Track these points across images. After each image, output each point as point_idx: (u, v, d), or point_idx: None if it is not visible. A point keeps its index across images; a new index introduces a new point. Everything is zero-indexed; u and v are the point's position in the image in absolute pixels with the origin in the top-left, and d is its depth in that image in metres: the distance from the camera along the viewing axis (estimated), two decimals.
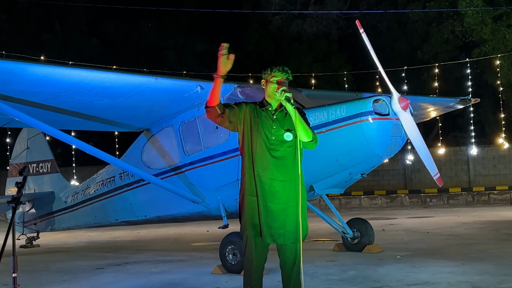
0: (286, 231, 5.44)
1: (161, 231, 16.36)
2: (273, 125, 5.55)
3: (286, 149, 5.52)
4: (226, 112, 5.55)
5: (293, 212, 5.46)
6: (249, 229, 5.50)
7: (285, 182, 5.48)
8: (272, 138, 5.52)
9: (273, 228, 5.43)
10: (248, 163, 5.55)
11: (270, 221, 5.42)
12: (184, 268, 9.51)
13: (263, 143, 5.51)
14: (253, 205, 5.49)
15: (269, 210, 5.43)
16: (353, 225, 10.46)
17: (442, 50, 25.82)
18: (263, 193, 5.46)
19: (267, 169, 5.48)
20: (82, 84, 8.33)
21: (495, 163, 26.31)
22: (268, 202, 5.44)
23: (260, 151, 5.50)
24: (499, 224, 14.31)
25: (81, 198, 12.46)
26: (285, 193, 5.46)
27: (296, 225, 5.43)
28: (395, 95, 8.60)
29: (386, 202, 23.91)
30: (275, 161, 5.49)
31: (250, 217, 5.50)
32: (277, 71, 5.61)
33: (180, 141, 10.23)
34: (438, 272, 7.93)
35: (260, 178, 5.48)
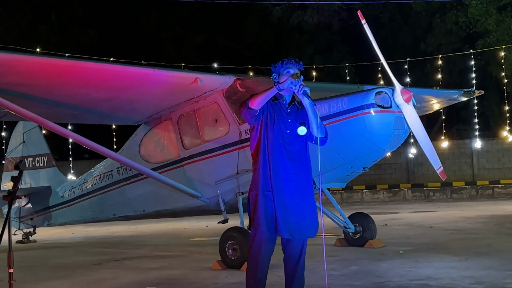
0: (302, 226, 5.38)
1: (160, 226, 16.21)
2: (288, 119, 5.46)
3: (300, 143, 5.47)
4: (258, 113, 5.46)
5: (309, 206, 5.43)
6: (263, 225, 5.38)
7: (300, 176, 5.42)
8: (287, 132, 5.45)
9: (289, 223, 5.34)
10: (263, 158, 5.46)
11: (286, 216, 5.34)
12: (183, 263, 9.36)
13: (279, 138, 5.43)
14: (267, 201, 5.39)
15: (285, 205, 5.35)
16: (355, 220, 10.30)
17: (446, 42, 25.62)
18: (279, 188, 5.37)
19: (282, 164, 5.40)
20: (80, 77, 8.17)
21: (499, 156, 26.06)
22: (284, 197, 5.36)
23: (276, 145, 5.42)
24: (503, 219, 14.13)
25: (78, 192, 12.33)
26: (300, 187, 5.40)
27: (313, 219, 5.43)
28: (397, 87, 8.46)
29: (389, 197, 23.74)
30: (291, 155, 5.41)
31: (264, 213, 5.39)
32: (290, 64, 5.51)
33: (179, 135, 10.07)
34: (441, 267, 7.81)
35: (276, 173, 5.39)
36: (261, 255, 5.44)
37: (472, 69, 23.11)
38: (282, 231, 5.34)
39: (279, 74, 5.54)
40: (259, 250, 5.44)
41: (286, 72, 5.47)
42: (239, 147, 9.24)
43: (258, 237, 5.43)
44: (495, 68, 24.58)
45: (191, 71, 9.79)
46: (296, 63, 5.52)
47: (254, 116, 5.42)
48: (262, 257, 5.45)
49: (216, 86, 9.41)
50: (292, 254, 5.49)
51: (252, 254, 5.49)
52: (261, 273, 5.47)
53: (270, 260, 5.55)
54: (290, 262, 5.52)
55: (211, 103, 9.62)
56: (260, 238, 5.42)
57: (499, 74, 24.39)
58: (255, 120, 5.46)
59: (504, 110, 26.64)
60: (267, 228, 5.37)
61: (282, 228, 5.33)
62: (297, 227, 5.36)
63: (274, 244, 5.52)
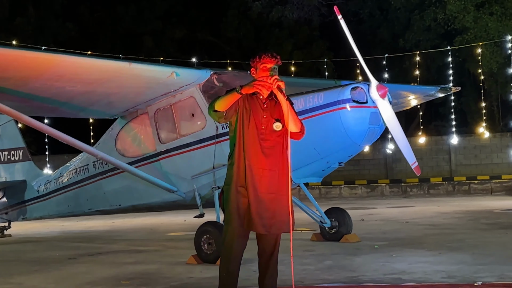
0: (277, 221, 5.34)
1: (137, 221, 16.14)
2: (263, 115, 5.42)
3: (275, 139, 5.42)
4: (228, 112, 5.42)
5: (284, 201, 5.39)
6: (235, 219, 5.36)
7: (275, 171, 5.37)
8: (263, 127, 5.40)
9: (264, 218, 5.32)
10: (237, 153, 5.43)
11: (261, 211, 5.32)
12: (159, 258, 9.34)
13: (254, 133, 5.39)
14: (240, 196, 5.36)
15: (260, 200, 5.32)
16: (331, 215, 10.35)
17: (424, 38, 25.75)
18: (254, 183, 5.34)
19: (258, 159, 5.36)
20: (54, 70, 8.09)
21: (476, 153, 26.28)
22: (259, 193, 5.33)
23: (251, 141, 5.38)
24: (478, 214, 14.28)
25: (54, 187, 12.23)
26: (275, 182, 5.37)
27: (288, 214, 5.39)
28: (373, 83, 8.51)
29: (367, 192, 23.85)
30: (266, 151, 5.38)
31: (236, 208, 5.37)
32: (267, 58, 5.45)
33: (155, 129, 10.03)
34: (415, 261, 7.87)
35: (251, 168, 5.35)
36: (234, 248, 5.42)
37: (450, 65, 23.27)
38: (257, 227, 5.32)
39: (256, 68, 5.52)
40: (231, 243, 5.42)
41: (262, 66, 5.44)
42: (215, 142, 9.22)
43: (230, 231, 5.42)
44: (473, 65, 24.75)
45: (167, 65, 9.74)
46: (273, 57, 5.48)
47: (222, 116, 5.41)
48: (234, 250, 5.43)
49: (192, 80, 9.38)
50: (266, 248, 5.47)
51: (225, 247, 5.48)
52: (233, 266, 5.45)
53: (242, 253, 5.52)
54: (264, 256, 5.51)
55: (188, 97, 9.59)
56: (232, 232, 5.41)
57: (476, 71, 24.58)
58: (225, 119, 5.46)
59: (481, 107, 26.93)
60: (239, 224, 5.35)
61: (256, 223, 5.31)
62: (272, 222, 5.33)
63: (247, 238, 5.50)
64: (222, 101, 5.35)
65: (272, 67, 5.41)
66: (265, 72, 5.38)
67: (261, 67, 5.43)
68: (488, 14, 22.77)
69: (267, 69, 5.39)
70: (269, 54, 5.47)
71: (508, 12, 22.60)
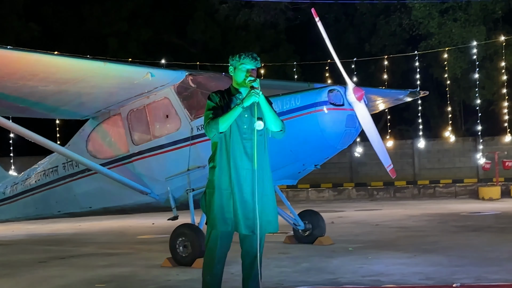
0: (263, 221, 5.29)
1: (105, 224, 15.90)
2: (244, 114, 5.36)
3: (257, 138, 5.36)
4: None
5: (269, 201, 5.38)
6: (219, 224, 5.31)
7: (258, 171, 5.32)
8: (244, 127, 5.36)
9: (249, 219, 5.27)
10: (220, 154, 5.38)
11: (247, 212, 5.27)
12: (133, 261, 9.20)
13: (236, 133, 5.35)
14: (225, 199, 5.31)
15: (245, 201, 5.28)
16: (305, 217, 10.35)
17: (390, 43, 26.00)
18: (240, 185, 5.29)
19: (242, 159, 5.32)
20: (27, 69, 7.90)
21: (439, 157, 26.63)
22: (244, 194, 5.28)
23: (234, 141, 5.34)
24: (446, 217, 14.44)
25: (21, 188, 11.97)
26: (260, 183, 5.32)
27: (274, 214, 5.42)
28: (350, 86, 8.54)
29: (334, 195, 23.94)
30: (249, 151, 5.33)
31: (220, 212, 5.31)
32: (246, 58, 5.44)
33: (128, 130, 9.89)
34: (391, 263, 7.91)
35: (236, 169, 5.31)
36: (217, 251, 5.37)
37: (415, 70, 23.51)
38: (242, 228, 5.27)
39: (235, 68, 5.49)
40: (215, 245, 5.37)
41: (241, 67, 5.42)
42: (190, 143, 9.13)
43: (214, 233, 5.36)
44: (437, 70, 25.09)
45: (142, 65, 9.62)
46: (253, 59, 5.46)
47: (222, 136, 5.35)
48: (218, 253, 5.38)
49: (167, 81, 9.28)
50: (249, 250, 5.42)
51: (208, 249, 5.42)
52: (217, 269, 5.41)
53: (226, 256, 5.48)
54: (247, 258, 5.45)
55: (162, 98, 9.48)
56: (216, 235, 5.36)
57: (440, 76, 24.92)
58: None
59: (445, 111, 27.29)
60: (224, 227, 5.30)
61: (242, 224, 5.26)
62: (256, 223, 5.25)
63: (231, 239, 5.46)
64: (226, 120, 5.27)
65: (251, 69, 5.41)
66: (244, 72, 5.39)
67: (240, 67, 5.42)
68: (452, 20, 23.12)
69: (246, 70, 5.40)
70: (249, 55, 5.46)
71: (471, 18, 23.00)
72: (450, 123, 23.73)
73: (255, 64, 5.45)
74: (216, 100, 5.44)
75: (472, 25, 22.75)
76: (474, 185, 22.69)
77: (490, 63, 23.52)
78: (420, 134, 26.24)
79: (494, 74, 23.48)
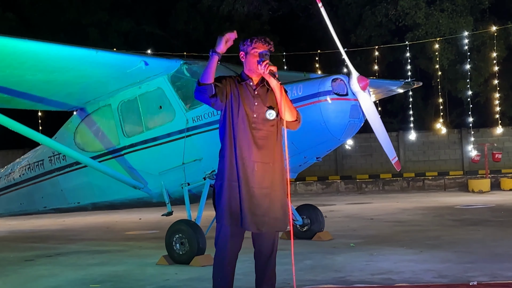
0: (271, 218, 4.91)
1: (90, 219, 15.39)
2: (254, 102, 4.95)
3: (268, 129, 4.96)
4: (217, 91, 4.92)
5: (278, 197, 4.95)
6: (227, 218, 4.92)
7: (268, 164, 4.93)
8: (254, 116, 4.94)
9: (256, 216, 4.87)
10: (229, 145, 4.96)
11: (253, 208, 4.86)
12: (125, 259, 8.78)
13: (245, 122, 4.93)
14: (233, 192, 4.90)
15: (252, 196, 4.87)
16: (303, 212, 10.01)
17: (376, 34, 25.70)
18: (246, 177, 4.88)
19: (249, 151, 4.90)
20: (14, 56, 7.42)
21: (424, 149, 26.52)
22: (251, 188, 4.88)
23: (242, 131, 4.92)
24: (440, 210, 14.19)
25: (4, 183, 11.48)
26: (269, 176, 4.92)
27: (283, 211, 4.97)
28: (354, 75, 8.21)
29: (322, 188, 23.59)
30: (258, 141, 4.92)
31: (228, 205, 4.91)
32: (259, 42, 5.01)
33: (119, 122, 9.45)
34: (399, 260, 7.63)
35: (243, 161, 4.90)
36: (227, 250, 4.99)
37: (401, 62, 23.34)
38: (248, 225, 4.88)
39: (246, 53, 5.06)
40: (225, 244, 4.98)
41: (254, 51, 5.01)
42: (185, 136, 8.72)
43: (223, 231, 4.97)
44: (424, 62, 24.92)
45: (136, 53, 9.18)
46: (266, 42, 5.05)
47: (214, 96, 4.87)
48: (229, 252, 5.00)
49: (161, 70, 8.87)
50: (262, 249, 5.06)
51: (218, 249, 5.03)
52: (228, 270, 5.03)
53: (237, 255, 5.10)
54: (261, 258, 5.10)
55: (156, 88, 9.05)
56: (226, 232, 4.97)
57: (427, 67, 24.73)
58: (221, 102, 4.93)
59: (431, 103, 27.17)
60: (231, 222, 4.91)
61: (248, 221, 4.87)
62: (265, 220, 4.90)
63: (242, 238, 5.07)
64: (204, 72, 4.85)
65: (264, 53, 5.00)
66: (256, 57, 4.96)
67: (252, 51, 4.99)
68: (439, 11, 22.90)
69: (259, 54, 4.96)
70: (262, 38, 5.06)
71: (458, 9, 22.82)
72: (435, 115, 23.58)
73: (268, 48, 5.04)
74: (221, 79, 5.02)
75: (459, 15, 22.56)
76: (463, 177, 22.52)
77: (477, 54, 23.34)
78: (405, 126, 26.10)
79: (481, 66, 23.34)
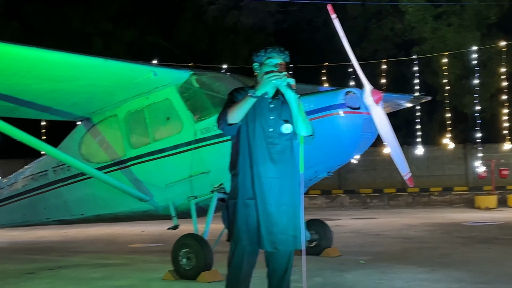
0: (289, 236, 4.72)
1: (92, 231, 15.17)
2: (270, 116, 4.78)
3: (284, 143, 4.79)
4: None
5: (296, 214, 4.77)
6: (243, 238, 4.74)
7: (285, 180, 4.76)
8: (270, 130, 4.77)
9: (273, 234, 4.69)
10: (242, 161, 4.79)
11: (270, 226, 4.68)
12: (129, 273, 8.57)
13: (260, 137, 4.77)
14: (249, 210, 4.72)
15: (269, 213, 4.69)
16: (311, 227, 9.77)
17: (381, 47, 25.57)
18: (263, 195, 4.70)
19: (265, 166, 4.73)
20: (21, 64, 7.25)
21: (428, 164, 26.23)
22: (268, 205, 4.69)
23: (258, 146, 4.76)
24: (448, 227, 13.94)
25: (7, 194, 11.26)
26: (286, 192, 4.75)
27: (300, 228, 4.77)
28: (367, 88, 8.01)
29: (326, 202, 23.32)
30: (274, 156, 4.75)
31: (245, 225, 4.73)
32: (274, 53, 4.85)
33: (126, 133, 9.27)
34: (411, 279, 7.44)
35: (260, 178, 4.73)
36: (243, 269, 4.82)
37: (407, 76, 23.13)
38: (265, 244, 4.70)
39: (261, 64, 4.90)
40: (240, 264, 4.81)
41: (269, 61, 4.84)
42: (193, 148, 8.53)
43: (239, 250, 4.80)
44: (429, 76, 24.74)
45: (144, 63, 9.01)
46: (281, 52, 4.88)
47: (235, 129, 4.80)
48: (244, 271, 4.82)
49: (170, 81, 8.70)
50: (277, 268, 4.85)
51: (233, 268, 4.85)
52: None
53: (252, 275, 4.92)
54: (274, 277, 4.89)
55: (163, 99, 8.87)
56: (242, 251, 4.79)
57: (433, 81, 24.53)
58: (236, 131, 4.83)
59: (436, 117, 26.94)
60: (249, 242, 4.74)
61: (265, 240, 4.69)
62: (283, 238, 4.71)
63: (257, 255, 4.89)
64: (235, 111, 4.70)
65: (279, 63, 4.82)
66: (271, 68, 4.78)
67: (267, 62, 4.84)
68: (446, 25, 22.76)
69: (274, 65, 4.80)
70: (276, 48, 4.89)
71: (465, 23, 22.67)
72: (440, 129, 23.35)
73: (283, 58, 4.87)
74: (236, 96, 4.87)
75: (467, 30, 22.40)
76: (470, 193, 22.23)
77: (484, 69, 23.15)
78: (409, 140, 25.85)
79: (487, 81, 23.14)
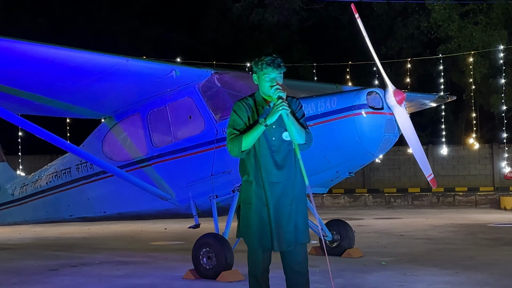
0: (298, 233, 4.89)
1: (115, 228, 15.27)
2: (272, 125, 4.88)
3: (286, 148, 4.94)
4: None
5: (300, 212, 4.94)
6: (257, 243, 4.90)
7: (289, 183, 4.91)
8: (273, 138, 4.91)
9: (282, 235, 4.84)
10: (255, 168, 4.92)
11: (280, 228, 4.85)
12: (150, 271, 8.60)
13: (265, 147, 4.91)
14: (262, 216, 4.87)
15: (279, 216, 4.85)
16: (333, 227, 9.73)
17: (407, 46, 25.35)
18: (274, 200, 4.86)
19: (273, 173, 4.88)
20: (44, 63, 7.31)
21: (454, 164, 26.00)
22: (277, 209, 4.86)
23: (264, 154, 4.90)
24: (472, 228, 13.78)
25: (31, 190, 11.38)
26: (291, 195, 4.90)
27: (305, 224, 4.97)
28: (390, 88, 7.96)
29: (349, 202, 23.19)
30: (279, 163, 4.90)
31: (258, 230, 4.88)
32: (269, 68, 4.84)
33: (148, 131, 9.31)
34: (434, 282, 7.34)
35: (269, 183, 4.87)
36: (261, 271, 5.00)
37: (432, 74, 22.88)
38: (277, 245, 4.84)
39: (258, 76, 4.93)
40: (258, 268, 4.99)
41: (265, 76, 4.85)
42: (215, 147, 8.54)
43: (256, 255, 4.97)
44: (455, 75, 24.49)
45: (166, 62, 9.02)
46: (277, 66, 4.85)
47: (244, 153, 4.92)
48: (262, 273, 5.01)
49: (192, 80, 8.70)
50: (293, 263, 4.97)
51: (251, 272, 5.03)
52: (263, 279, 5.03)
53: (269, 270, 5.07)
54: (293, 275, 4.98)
55: (185, 98, 8.89)
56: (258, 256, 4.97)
57: (459, 80, 24.28)
58: None
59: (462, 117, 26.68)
60: (261, 244, 4.88)
61: (276, 241, 4.84)
62: (292, 237, 4.85)
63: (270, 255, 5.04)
64: (248, 139, 4.83)
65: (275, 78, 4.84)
66: (267, 83, 4.85)
67: (263, 77, 4.87)
68: (472, 23, 22.48)
69: (270, 80, 4.85)
70: (271, 63, 4.84)
71: (492, 22, 22.33)
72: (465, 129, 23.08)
73: (278, 72, 4.87)
74: (241, 113, 4.95)
75: (494, 28, 22.08)
76: (495, 194, 21.95)
77: (511, 68, 22.80)
78: (434, 140, 25.65)
79: None
